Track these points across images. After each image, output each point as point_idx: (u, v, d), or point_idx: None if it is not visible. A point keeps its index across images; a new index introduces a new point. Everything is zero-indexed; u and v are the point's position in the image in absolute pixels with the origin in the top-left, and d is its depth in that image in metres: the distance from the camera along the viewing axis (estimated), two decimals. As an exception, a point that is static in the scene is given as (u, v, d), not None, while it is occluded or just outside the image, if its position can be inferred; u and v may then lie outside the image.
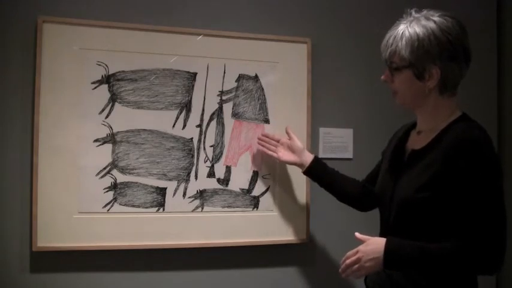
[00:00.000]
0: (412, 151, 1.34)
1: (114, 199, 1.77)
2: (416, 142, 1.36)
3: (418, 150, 1.31)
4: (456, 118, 1.29)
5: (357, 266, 1.26)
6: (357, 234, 1.32)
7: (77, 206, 1.73)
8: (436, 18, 1.25)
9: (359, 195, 1.67)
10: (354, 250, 1.29)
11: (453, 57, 1.25)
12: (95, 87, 1.76)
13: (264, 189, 1.92)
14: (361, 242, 1.30)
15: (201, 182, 1.86)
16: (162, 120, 1.82)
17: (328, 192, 1.73)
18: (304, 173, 1.76)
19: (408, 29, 1.26)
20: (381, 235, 1.36)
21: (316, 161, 1.74)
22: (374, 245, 1.25)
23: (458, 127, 1.25)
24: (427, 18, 1.26)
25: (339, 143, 2.04)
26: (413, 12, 1.30)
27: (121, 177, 1.77)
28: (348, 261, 1.28)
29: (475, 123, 1.27)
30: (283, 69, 1.95)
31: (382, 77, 1.36)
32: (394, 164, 1.40)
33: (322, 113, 2.02)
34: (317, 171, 1.73)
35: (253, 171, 1.92)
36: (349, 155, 2.05)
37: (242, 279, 1.92)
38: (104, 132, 1.77)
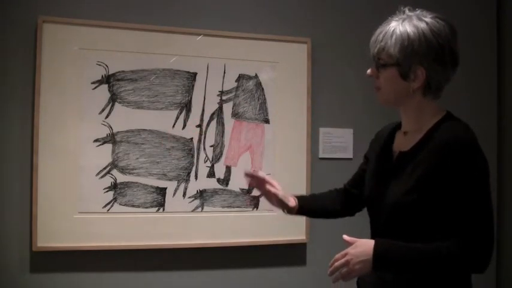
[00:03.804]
0: (400, 153, 1.34)
1: (114, 199, 1.77)
2: (403, 143, 1.35)
3: (406, 151, 1.31)
4: (441, 118, 1.29)
5: (346, 269, 1.24)
6: (344, 236, 1.31)
7: (77, 206, 1.73)
8: (428, 20, 1.25)
9: (342, 205, 1.60)
10: (342, 253, 1.27)
11: (440, 60, 1.25)
12: (95, 87, 1.76)
13: (264, 189, 1.92)
14: (349, 244, 1.29)
15: (201, 182, 1.85)
16: (162, 120, 1.82)
17: (321, 218, 1.68)
18: (295, 213, 1.56)
19: (399, 27, 1.25)
20: (372, 238, 1.35)
21: (299, 201, 1.55)
22: (363, 247, 1.24)
23: (445, 127, 1.25)
24: (419, 19, 1.26)
25: (339, 143, 2.04)
26: (406, 10, 1.30)
27: (121, 177, 1.77)
28: (336, 264, 1.26)
29: (460, 122, 1.27)
30: (283, 69, 1.95)
31: (368, 72, 1.36)
32: (383, 166, 1.40)
33: (322, 113, 2.02)
34: (303, 208, 1.57)
35: (253, 171, 1.91)
36: (349, 155, 2.04)
37: (242, 279, 1.92)
38: (104, 132, 1.76)
